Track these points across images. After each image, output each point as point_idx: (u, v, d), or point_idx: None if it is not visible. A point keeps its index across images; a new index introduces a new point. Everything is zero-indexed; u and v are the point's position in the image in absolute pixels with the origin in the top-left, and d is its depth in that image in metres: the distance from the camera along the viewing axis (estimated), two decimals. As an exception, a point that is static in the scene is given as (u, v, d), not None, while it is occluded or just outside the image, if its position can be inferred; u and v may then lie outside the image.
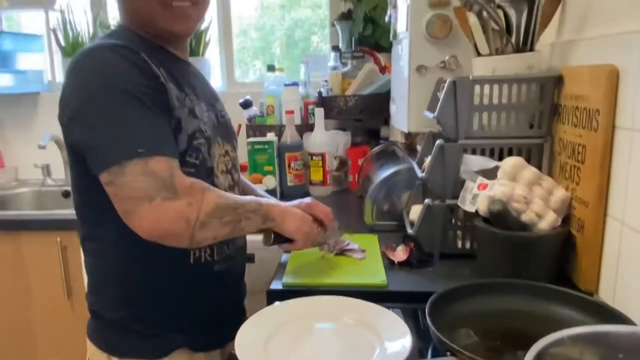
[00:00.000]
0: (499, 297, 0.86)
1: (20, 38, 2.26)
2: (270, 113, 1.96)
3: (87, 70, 0.83)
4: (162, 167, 0.81)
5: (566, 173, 1.00)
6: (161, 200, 0.80)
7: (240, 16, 2.42)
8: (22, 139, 2.32)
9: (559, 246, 0.96)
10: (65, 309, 1.80)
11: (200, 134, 0.92)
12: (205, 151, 0.93)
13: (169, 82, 0.88)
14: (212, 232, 0.86)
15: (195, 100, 0.94)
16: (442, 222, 1.11)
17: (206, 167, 0.94)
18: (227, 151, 1.03)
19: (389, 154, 1.59)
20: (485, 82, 1.04)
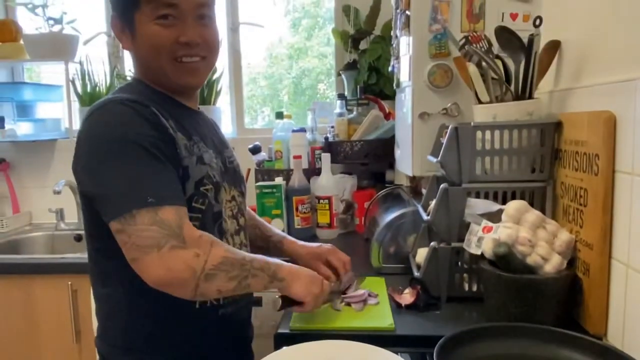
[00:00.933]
0: (507, 340, 0.84)
1: (41, 88, 2.33)
2: (278, 158, 1.98)
3: (100, 122, 0.87)
4: (171, 216, 0.83)
5: (569, 216, 1.00)
6: (169, 249, 0.81)
7: (250, 65, 2.49)
8: (38, 184, 2.36)
9: (566, 289, 0.95)
10: (73, 354, 1.78)
11: (208, 179, 0.94)
12: (212, 197, 0.95)
13: (177, 132, 0.91)
14: (216, 285, 0.85)
15: (203, 148, 0.97)
16: (448, 265, 1.10)
17: (213, 212, 0.95)
18: (234, 196, 1.04)
19: (394, 197, 1.60)
20: (486, 128, 1.06)
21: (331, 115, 2.05)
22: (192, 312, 0.95)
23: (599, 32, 0.96)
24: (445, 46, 1.29)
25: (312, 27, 2.53)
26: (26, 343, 1.81)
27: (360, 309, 1.06)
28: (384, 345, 0.89)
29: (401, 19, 1.43)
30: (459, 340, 0.82)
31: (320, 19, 2.50)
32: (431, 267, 1.10)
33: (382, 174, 2.00)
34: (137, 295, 0.92)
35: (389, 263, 1.34)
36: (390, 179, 1.95)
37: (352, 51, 2.10)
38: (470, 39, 1.11)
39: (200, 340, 0.97)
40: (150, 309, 0.93)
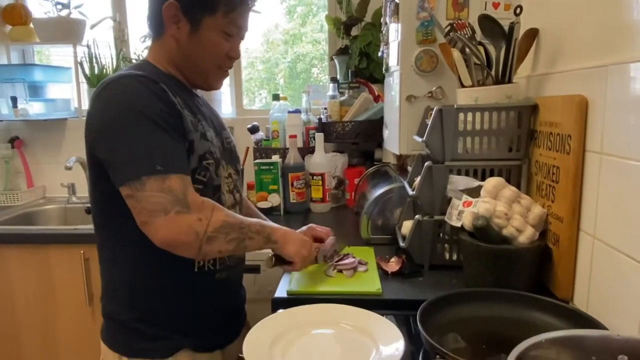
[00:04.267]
0: (484, 304, 0.86)
1: (51, 70, 2.28)
2: (275, 137, 1.97)
3: (112, 95, 0.87)
4: (177, 184, 0.84)
5: (542, 192, 1.01)
6: (175, 214, 0.82)
7: (248, 50, 2.45)
8: (50, 161, 2.33)
9: (537, 258, 0.96)
10: (87, 315, 1.80)
11: (210, 155, 0.94)
12: (213, 171, 0.95)
13: (184, 109, 0.91)
14: (217, 247, 0.87)
15: (206, 126, 0.97)
16: (431, 236, 1.11)
17: (213, 185, 0.96)
18: (230, 174, 1.04)
19: (382, 174, 1.60)
20: (468, 110, 1.05)
21: (324, 98, 2.04)
22: (191, 276, 0.96)
23: (573, 21, 0.95)
24: (431, 33, 1.28)
25: (307, 14, 2.49)
26: (44, 306, 1.82)
27: (351, 275, 1.08)
28: (372, 308, 0.90)
29: (391, 6, 1.41)
30: (439, 303, 0.84)
31: (314, 6, 2.45)
32: (415, 238, 1.12)
33: (371, 152, 2.00)
34: (138, 258, 0.93)
35: (377, 234, 1.35)
36: (378, 157, 1.95)
37: (344, 37, 2.07)
38: (455, 26, 1.10)
39: (198, 301, 0.98)
40: (150, 271, 0.94)
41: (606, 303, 0.81)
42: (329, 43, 2.24)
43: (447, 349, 0.68)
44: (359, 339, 0.82)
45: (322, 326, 0.86)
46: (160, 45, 0.98)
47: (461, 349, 0.79)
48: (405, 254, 1.13)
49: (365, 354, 0.77)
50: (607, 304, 0.81)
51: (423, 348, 0.81)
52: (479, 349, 0.78)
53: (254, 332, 0.82)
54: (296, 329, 0.85)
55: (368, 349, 0.78)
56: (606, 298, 0.81)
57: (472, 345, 0.80)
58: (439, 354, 0.68)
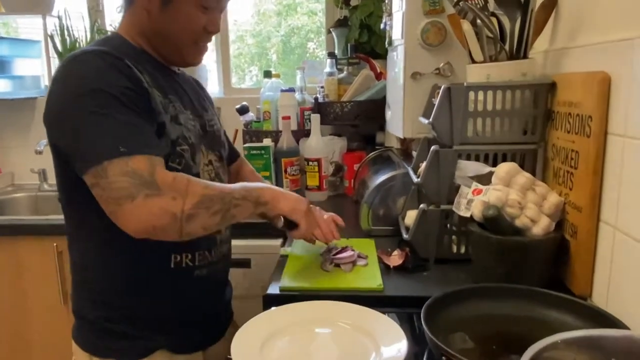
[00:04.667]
0: (494, 301, 0.86)
1: (18, 43, 2.25)
2: (266, 119, 1.96)
3: (72, 74, 0.85)
4: (142, 165, 0.81)
5: (559, 178, 1.00)
6: (143, 198, 0.80)
7: (237, 22, 2.42)
8: (19, 144, 2.31)
9: (553, 251, 0.97)
10: (61, 314, 1.79)
11: (183, 140, 0.93)
12: (189, 157, 0.94)
13: (153, 88, 0.90)
14: (201, 223, 0.86)
15: (179, 108, 0.96)
16: (437, 227, 1.11)
17: (191, 174, 0.93)
18: (212, 161, 1.03)
19: (384, 160, 1.59)
20: (479, 89, 1.05)
21: (321, 75, 2.02)
22: (166, 272, 0.95)
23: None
24: (439, 2, 1.26)
25: (302, -18, 2.46)
26: (14, 304, 1.81)
27: (350, 270, 1.08)
28: (372, 305, 0.90)
29: (394, -27, 1.39)
30: (446, 300, 0.84)
31: (310, -27, 2.42)
32: (420, 229, 1.11)
33: (372, 136, 2.00)
34: (110, 250, 0.93)
35: (379, 225, 1.35)
36: (380, 141, 1.95)
37: (343, 7, 2.05)
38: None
39: (175, 299, 0.97)
40: (122, 265, 0.93)
41: (628, 300, 0.81)
42: (326, 14, 2.21)
43: (454, 349, 0.68)
44: (358, 339, 0.82)
45: (318, 325, 0.86)
46: (131, 16, 0.97)
47: (469, 349, 0.80)
48: (408, 247, 1.13)
49: (364, 355, 0.77)
50: (629, 301, 0.81)
51: (428, 349, 0.81)
52: (489, 350, 0.78)
53: (244, 332, 0.82)
54: (290, 328, 0.85)
55: (368, 350, 0.79)
56: (628, 295, 0.81)
57: (481, 346, 0.80)
58: (445, 356, 0.69)
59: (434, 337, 0.71)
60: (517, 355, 0.75)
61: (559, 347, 0.53)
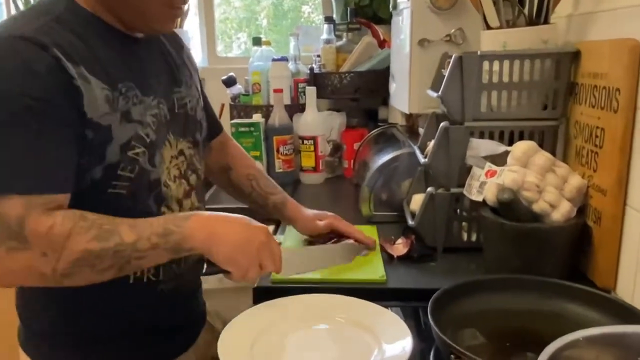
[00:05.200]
0: (508, 294, 0.87)
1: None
2: (256, 92, 1.94)
3: None
4: (13, 210, 0.73)
5: (582, 159, 1.00)
6: (6, 252, 0.73)
7: (223, -17, 2.39)
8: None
9: (574, 239, 0.97)
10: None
11: (138, 141, 0.85)
12: (145, 161, 0.87)
13: (91, 80, 0.80)
14: (84, 280, 0.78)
15: (136, 97, 0.87)
16: (445, 213, 1.11)
17: (149, 180, 0.87)
18: (183, 150, 0.97)
19: (387, 138, 1.59)
20: (494, 58, 1.04)
21: (317, 43, 2.00)
22: (123, 287, 0.89)
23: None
24: (450, -39, 1.25)
25: (296, -63, 2.43)
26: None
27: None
28: (373, 299, 0.91)
29: None
30: (455, 293, 0.85)
31: None
32: (427, 215, 1.12)
33: (374, 111, 1.99)
34: None
35: (381, 211, 1.35)
36: (383, 116, 1.94)
37: (342, -34, 2.02)
38: (480, -49, 1.07)
39: (133, 315, 0.93)
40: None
41: (655, 293, 0.82)
42: (322, -26, 2.18)
43: (464, 346, 0.68)
44: (358, 336, 0.83)
45: (314, 321, 0.87)
46: None
47: (481, 347, 0.80)
48: (414, 235, 1.14)
49: (365, 354, 0.78)
50: (657, 293, 0.81)
51: (435, 346, 0.82)
52: (502, 347, 0.79)
53: (232, 330, 0.82)
54: (282, 325, 0.85)
55: (369, 348, 0.79)
56: (655, 287, 0.82)
57: (493, 343, 0.81)
58: (454, 354, 0.69)
59: (442, 334, 0.72)
60: (533, 353, 0.76)
61: (580, 345, 0.53)
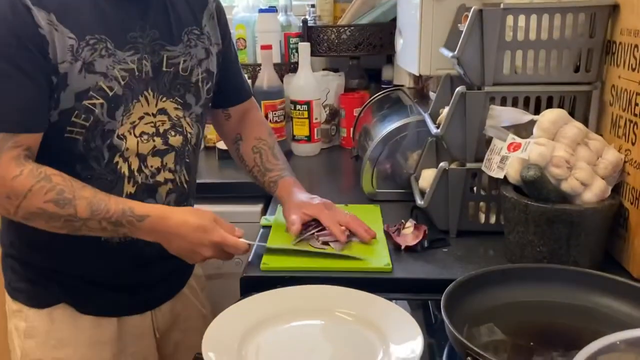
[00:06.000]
0: (532, 286, 0.87)
1: None
2: (241, 48, 1.92)
3: None
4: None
5: (619, 130, 1.00)
6: None
7: None
8: None
9: (608, 222, 0.97)
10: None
11: (97, 92, 0.97)
12: (103, 112, 0.98)
13: (57, 30, 0.93)
14: (42, 227, 0.96)
15: (106, 49, 0.98)
16: (460, 192, 1.11)
17: (102, 130, 0.99)
18: (165, 109, 1.05)
19: (393, 103, 1.58)
20: (520, 12, 1.03)
21: (311, -10, 1.98)
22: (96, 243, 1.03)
23: None
24: None
25: None
26: None
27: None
28: (378, 290, 0.91)
29: None
30: (471, 285, 0.85)
31: None
32: (439, 193, 1.12)
33: (377, 71, 1.99)
34: None
35: (385, 188, 1.35)
36: (388, 78, 1.93)
37: None
38: None
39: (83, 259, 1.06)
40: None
41: (700, 284, 0.82)
42: None
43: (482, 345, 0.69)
44: (360, 334, 0.83)
45: (310, 316, 0.87)
46: None
47: (501, 346, 0.81)
48: (427, 224, 1.13)
49: (369, 356, 0.78)
50: (702, 285, 0.81)
51: (448, 345, 0.82)
52: (525, 347, 0.80)
53: (217, 325, 0.82)
54: (274, 321, 0.85)
55: (373, 349, 0.79)
56: (700, 277, 0.82)
57: (515, 341, 0.81)
58: (470, 355, 0.69)
59: (457, 332, 0.72)
60: (558, 352, 0.77)
61: (618, 349, 0.53)
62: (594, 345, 0.51)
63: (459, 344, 0.72)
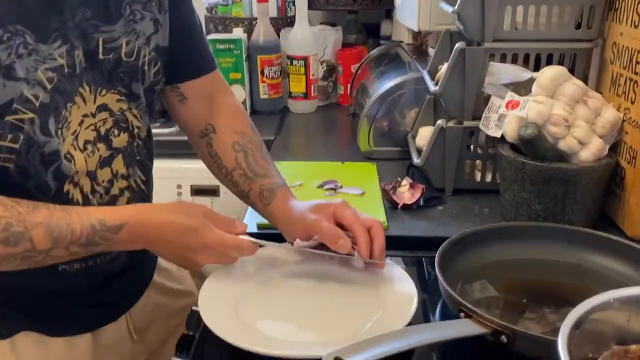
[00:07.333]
0: (526, 244, 0.87)
1: None
2: (236, 1, 1.89)
3: None
4: None
5: (619, 88, 0.99)
6: None
7: None
8: None
9: (604, 181, 0.97)
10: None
11: (23, 104, 0.74)
12: (34, 130, 0.76)
13: None
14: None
15: (24, 45, 0.74)
16: (457, 150, 1.11)
17: (41, 153, 0.78)
18: (106, 104, 0.85)
19: (391, 59, 1.57)
20: (522, -36, 1.01)
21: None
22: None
23: None
24: None
25: None
26: None
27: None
28: (372, 247, 0.91)
29: None
30: (466, 243, 0.85)
31: None
32: (436, 151, 1.11)
33: (376, 26, 1.96)
34: None
35: (382, 146, 1.35)
36: (386, 33, 1.92)
37: None
38: None
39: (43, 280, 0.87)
40: None
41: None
42: None
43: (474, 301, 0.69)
44: (355, 292, 0.83)
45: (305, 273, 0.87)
46: None
47: (493, 302, 0.82)
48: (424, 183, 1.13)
49: (365, 313, 0.78)
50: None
51: (441, 301, 0.83)
52: (518, 304, 0.80)
53: (212, 283, 0.83)
54: (270, 277, 0.86)
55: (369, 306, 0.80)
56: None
57: (508, 298, 0.82)
58: (463, 311, 0.70)
59: (450, 289, 0.72)
60: (550, 309, 0.77)
61: (612, 307, 0.53)
62: (587, 303, 0.52)
63: (452, 300, 0.73)
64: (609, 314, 0.54)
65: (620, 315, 0.54)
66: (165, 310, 1.04)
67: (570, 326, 0.49)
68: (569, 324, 0.49)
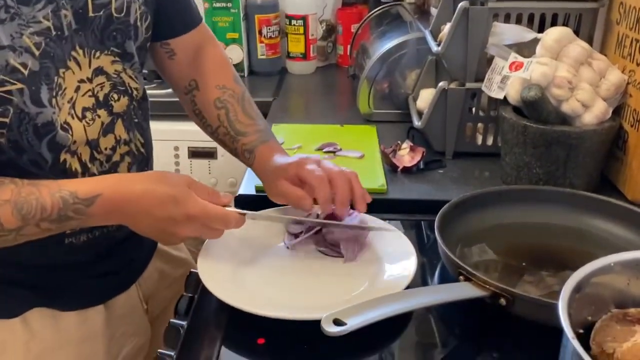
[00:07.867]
0: (526, 207, 0.87)
1: None
2: (233, -42, 1.85)
3: None
4: None
5: (625, 49, 0.98)
6: None
7: None
8: None
9: (606, 145, 0.97)
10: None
11: (10, 74, 0.70)
12: (24, 101, 0.72)
13: None
14: None
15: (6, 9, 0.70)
16: (459, 112, 1.10)
17: (34, 125, 0.74)
18: (102, 67, 0.82)
19: (392, 18, 1.55)
20: None
21: None
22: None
23: None
24: None
25: None
26: None
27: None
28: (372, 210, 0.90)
29: None
30: (466, 206, 0.85)
31: None
32: (437, 114, 1.11)
33: (377, -16, 1.92)
34: None
35: (382, 108, 1.34)
36: (387, -8, 1.87)
37: None
38: None
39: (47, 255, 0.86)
40: None
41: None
42: None
43: (473, 264, 0.69)
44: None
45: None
46: None
47: (492, 265, 0.82)
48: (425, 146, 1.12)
49: (363, 274, 0.79)
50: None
51: (440, 264, 0.83)
52: (517, 267, 0.80)
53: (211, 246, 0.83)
54: (269, 239, 0.86)
55: (368, 267, 0.80)
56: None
57: (507, 261, 0.82)
58: (462, 275, 0.70)
59: (450, 252, 0.73)
60: (549, 272, 0.78)
61: (612, 271, 0.53)
62: (588, 267, 0.52)
63: (451, 263, 0.73)
64: (609, 278, 0.54)
65: (620, 279, 0.54)
66: (168, 278, 1.04)
67: (570, 289, 0.49)
68: (570, 287, 0.49)
